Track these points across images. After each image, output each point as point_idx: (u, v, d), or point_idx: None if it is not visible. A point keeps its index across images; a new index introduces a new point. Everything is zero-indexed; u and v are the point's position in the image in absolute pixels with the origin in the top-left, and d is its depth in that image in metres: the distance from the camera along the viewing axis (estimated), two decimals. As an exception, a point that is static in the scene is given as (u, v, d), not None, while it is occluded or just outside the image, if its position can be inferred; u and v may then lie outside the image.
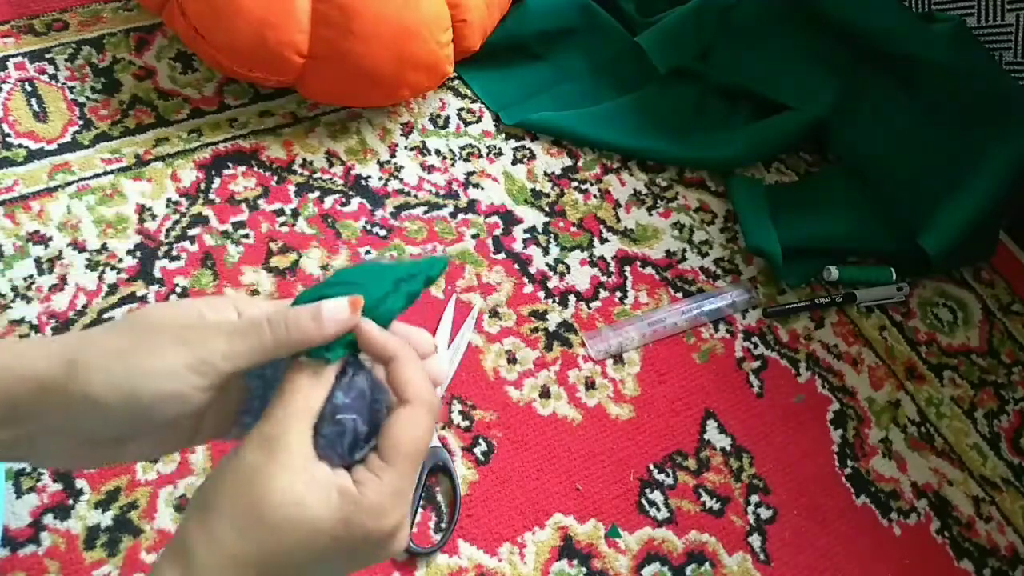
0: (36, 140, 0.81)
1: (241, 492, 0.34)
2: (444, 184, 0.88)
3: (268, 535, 0.34)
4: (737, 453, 0.78)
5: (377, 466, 0.36)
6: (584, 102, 0.98)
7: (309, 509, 0.34)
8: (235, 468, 0.35)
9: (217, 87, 0.88)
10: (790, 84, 0.99)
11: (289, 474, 0.34)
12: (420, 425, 0.37)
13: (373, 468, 0.36)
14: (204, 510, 0.35)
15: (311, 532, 0.34)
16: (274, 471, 0.34)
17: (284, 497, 0.34)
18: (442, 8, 0.85)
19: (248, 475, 0.34)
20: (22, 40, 0.87)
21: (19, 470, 0.64)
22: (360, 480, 0.35)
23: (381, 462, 0.36)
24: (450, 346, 0.77)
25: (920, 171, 0.94)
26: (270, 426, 0.35)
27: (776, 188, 0.97)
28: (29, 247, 0.74)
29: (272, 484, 0.34)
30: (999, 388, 0.89)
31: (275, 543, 0.34)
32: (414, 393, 0.37)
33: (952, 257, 0.90)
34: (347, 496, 0.35)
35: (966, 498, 0.81)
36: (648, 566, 0.70)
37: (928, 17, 0.99)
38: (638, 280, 0.87)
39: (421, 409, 0.37)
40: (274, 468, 0.34)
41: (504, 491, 0.71)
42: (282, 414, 0.36)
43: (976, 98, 0.92)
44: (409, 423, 0.37)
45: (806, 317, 0.89)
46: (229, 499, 0.34)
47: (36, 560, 0.61)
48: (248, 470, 0.35)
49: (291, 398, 0.36)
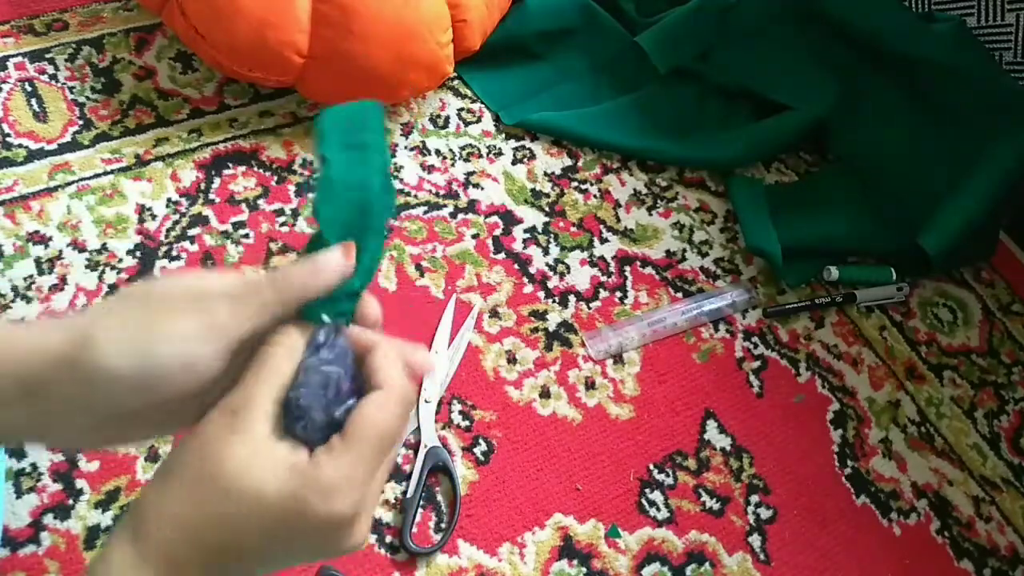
0: (36, 140, 0.81)
1: (196, 458, 0.35)
2: (444, 184, 0.88)
3: (215, 502, 0.34)
4: (737, 453, 0.78)
5: (336, 446, 0.35)
6: (584, 102, 0.98)
7: (257, 480, 0.34)
8: (197, 434, 0.35)
9: (217, 87, 0.88)
10: (790, 84, 0.99)
11: (245, 446, 0.34)
12: (387, 411, 0.36)
13: (331, 448, 0.35)
14: (161, 474, 0.35)
15: (256, 503, 0.34)
16: (232, 441, 0.34)
17: (236, 466, 0.34)
18: (442, 8, 0.85)
19: (206, 442, 0.35)
20: (22, 40, 0.87)
21: (19, 470, 0.64)
22: (315, 460, 0.35)
23: (340, 443, 0.35)
24: (450, 346, 0.77)
25: (920, 171, 0.94)
26: (236, 396, 0.36)
27: (776, 188, 0.97)
28: (29, 247, 0.74)
29: (226, 452, 0.34)
30: (999, 388, 0.89)
31: (221, 510, 0.34)
32: (384, 379, 0.37)
33: (952, 257, 0.90)
34: (296, 471, 0.34)
35: (966, 498, 0.81)
36: (648, 566, 0.70)
37: (928, 17, 0.99)
38: (638, 280, 0.87)
39: (390, 396, 0.37)
40: (232, 438, 0.34)
41: (504, 491, 0.71)
42: (251, 382, 0.36)
43: (976, 98, 0.92)
44: (376, 408, 0.36)
45: (806, 317, 0.89)
46: (185, 464, 0.35)
47: (36, 560, 0.61)
48: (207, 437, 0.35)
49: (260, 368, 0.36)
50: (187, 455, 0.35)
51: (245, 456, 0.34)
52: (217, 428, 0.35)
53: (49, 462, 0.65)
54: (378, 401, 0.37)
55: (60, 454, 0.65)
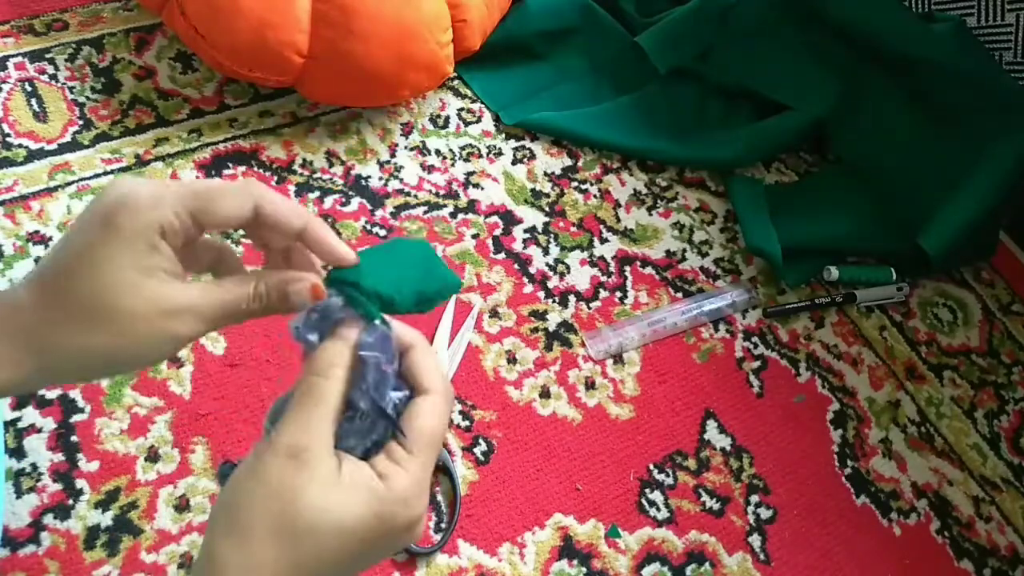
0: (36, 140, 0.81)
1: (272, 506, 0.34)
2: (444, 184, 0.88)
3: (305, 545, 0.34)
4: (737, 453, 0.78)
5: (401, 456, 0.37)
6: (584, 102, 0.98)
7: (344, 515, 0.34)
8: (262, 482, 0.35)
9: (217, 87, 0.88)
10: (790, 84, 0.99)
11: (318, 483, 0.34)
12: (439, 414, 0.38)
13: (397, 459, 0.36)
14: (233, 527, 0.34)
15: (347, 535, 0.35)
16: (303, 484, 0.34)
17: (316, 505, 0.34)
18: (442, 8, 0.85)
19: (277, 490, 0.34)
20: (22, 40, 0.87)
21: (19, 470, 0.64)
22: (385, 473, 0.36)
23: (405, 452, 0.37)
24: (450, 346, 0.77)
25: (920, 171, 0.94)
26: (292, 435, 0.35)
27: (776, 188, 0.97)
28: (29, 247, 0.74)
29: (304, 498, 0.34)
30: (999, 388, 0.89)
31: (313, 551, 0.34)
32: (432, 382, 0.38)
33: (952, 257, 0.90)
34: (376, 492, 0.35)
35: (966, 498, 0.81)
36: (648, 566, 0.70)
37: (928, 17, 0.99)
38: (638, 280, 0.87)
39: (440, 398, 0.38)
40: (303, 481, 0.34)
41: (504, 491, 0.71)
42: (304, 420, 0.36)
43: (976, 98, 0.92)
44: (431, 412, 0.38)
45: (806, 317, 0.89)
46: (260, 515, 0.34)
47: (36, 560, 0.61)
48: (276, 485, 0.34)
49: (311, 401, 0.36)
50: (259, 506, 0.34)
51: (321, 493, 0.34)
52: (284, 473, 0.34)
53: (49, 462, 0.65)
54: (430, 406, 0.38)
55: (60, 454, 0.65)
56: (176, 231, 0.36)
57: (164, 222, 0.35)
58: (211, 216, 0.36)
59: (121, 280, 0.35)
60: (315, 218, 0.39)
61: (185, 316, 0.36)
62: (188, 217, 0.36)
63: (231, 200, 0.37)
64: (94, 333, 0.35)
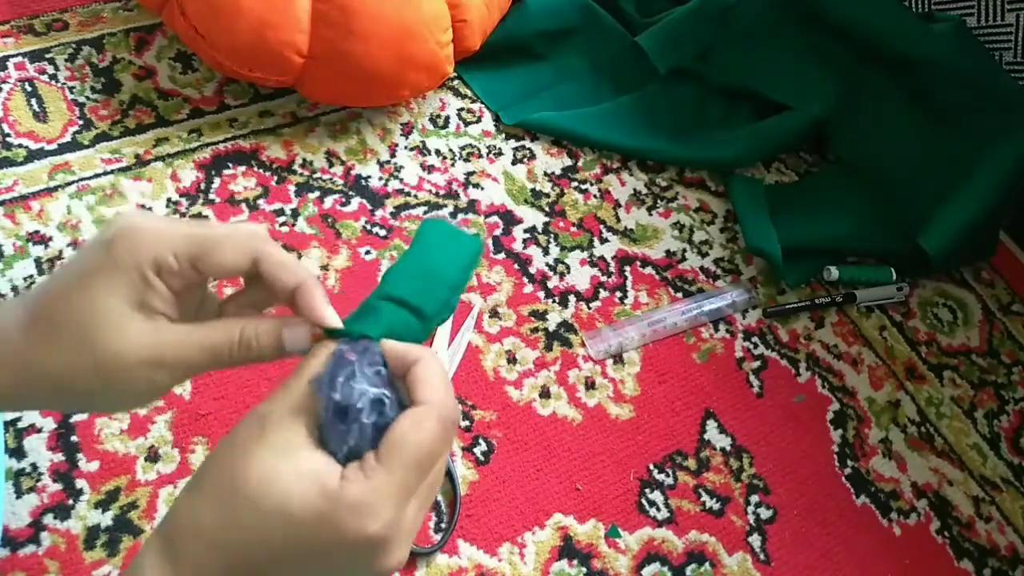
0: (36, 140, 0.81)
1: (225, 466, 0.34)
2: (444, 184, 0.88)
3: (242, 514, 0.33)
4: (737, 453, 0.78)
5: (368, 464, 0.34)
6: (584, 102, 0.98)
7: (283, 491, 0.32)
8: (227, 442, 0.35)
9: (217, 87, 0.88)
10: (790, 84, 0.99)
11: (273, 454, 0.33)
12: (424, 427, 0.34)
13: (364, 465, 0.34)
14: (193, 485, 0.35)
15: (283, 515, 0.32)
16: (259, 450, 0.33)
17: (261, 475, 0.33)
18: (442, 8, 0.85)
19: (235, 451, 0.34)
20: (22, 40, 0.87)
21: (19, 470, 0.64)
22: (347, 476, 0.33)
23: (374, 461, 0.34)
24: (450, 346, 0.77)
25: (920, 171, 0.94)
26: (269, 404, 0.35)
27: (776, 188, 0.97)
28: (29, 247, 0.74)
29: (254, 462, 0.33)
30: (999, 388, 0.89)
31: (248, 523, 0.33)
32: (424, 394, 0.35)
33: (952, 257, 0.90)
34: (324, 489, 0.33)
35: (966, 498, 0.81)
36: (648, 566, 0.70)
37: (928, 17, 0.99)
38: (638, 280, 0.87)
39: (430, 411, 0.35)
40: (260, 448, 0.33)
41: (504, 491, 0.71)
42: (280, 390, 0.35)
43: (976, 98, 0.92)
44: (412, 424, 0.34)
45: (806, 317, 0.89)
46: (214, 475, 0.34)
47: (36, 560, 0.61)
48: (237, 446, 0.34)
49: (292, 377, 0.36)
50: (216, 465, 0.34)
51: (272, 465, 0.33)
52: (245, 436, 0.34)
53: (49, 462, 0.65)
54: (415, 417, 0.35)
55: (60, 454, 0.65)
56: (173, 272, 0.36)
57: (161, 259, 0.35)
58: (208, 265, 0.36)
59: (110, 308, 0.35)
60: (310, 278, 0.38)
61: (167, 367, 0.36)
62: (187, 261, 0.36)
63: (230, 254, 0.37)
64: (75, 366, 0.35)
